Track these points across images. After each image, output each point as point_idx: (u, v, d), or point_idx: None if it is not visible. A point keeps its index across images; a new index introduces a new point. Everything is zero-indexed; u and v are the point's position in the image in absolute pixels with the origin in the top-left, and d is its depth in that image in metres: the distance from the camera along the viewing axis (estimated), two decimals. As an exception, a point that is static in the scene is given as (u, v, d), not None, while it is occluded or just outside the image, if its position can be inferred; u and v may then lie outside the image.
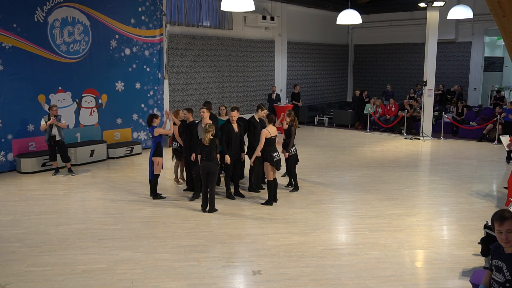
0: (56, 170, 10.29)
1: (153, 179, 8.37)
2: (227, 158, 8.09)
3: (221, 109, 9.79)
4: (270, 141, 7.96)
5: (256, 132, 8.73)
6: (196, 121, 8.68)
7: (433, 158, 12.60)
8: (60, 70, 11.30)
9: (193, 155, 8.09)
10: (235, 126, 8.37)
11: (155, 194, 8.43)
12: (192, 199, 8.36)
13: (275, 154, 7.96)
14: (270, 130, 7.96)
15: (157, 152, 8.19)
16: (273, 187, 8.09)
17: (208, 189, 7.64)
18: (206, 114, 8.25)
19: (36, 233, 6.77)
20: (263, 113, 8.94)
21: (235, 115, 8.35)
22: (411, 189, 9.24)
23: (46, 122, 9.88)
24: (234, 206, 8.10)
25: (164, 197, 8.43)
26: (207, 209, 7.69)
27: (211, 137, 7.50)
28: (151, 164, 8.24)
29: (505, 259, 3.15)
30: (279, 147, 8.51)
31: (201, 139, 7.61)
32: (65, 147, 10.33)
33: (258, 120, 8.88)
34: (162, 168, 8.48)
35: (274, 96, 16.92)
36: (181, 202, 8.35)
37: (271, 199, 8.08)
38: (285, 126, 8.79)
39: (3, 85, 10.31)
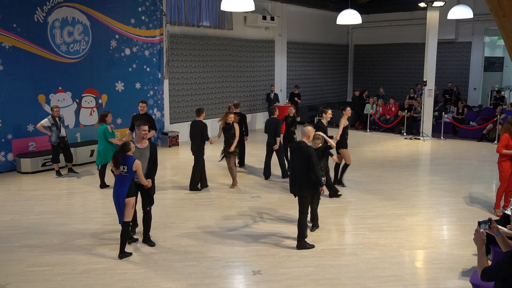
0: (58, 173, 10.19)
1: (125, 227, 5.96)
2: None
3: (109, 116, 8.88)
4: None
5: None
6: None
7: (433, 158, 12.60)
8: (60, 70, 11.30)
9: (149, 181, 6.12)
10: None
11: (123, 251, 5.99)
12: (130, 241, 6.37)
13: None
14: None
15: (131, 191, 5.89)
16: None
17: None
18: (149, 134, 6.46)
19: (36, 233, 6.77)
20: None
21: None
22: (411, 189, 9.24)
23: (51, 124, 9.80)
24: (234, 206, 8.11)
25: (137, 239, 6.49)
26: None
27: None
28: (123, 206, 5.86)
29: None
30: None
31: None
32: (69, 147, 10.37)
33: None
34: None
35: (272, 95, 16.90)
36: (181, 202, 8.35)
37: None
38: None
39: (3, 85, 10.31)
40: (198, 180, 9.05)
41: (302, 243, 6.18)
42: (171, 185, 9.53)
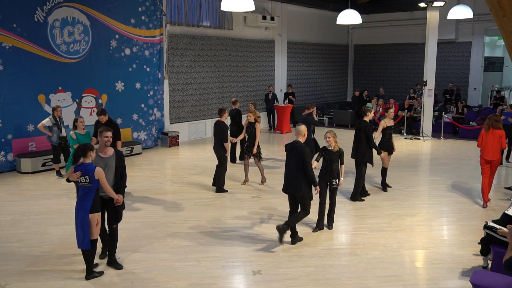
0: (58, 173, 10.19)
1: (92, 247, 5.25)
2: None
3: (79, 121, 8.34)
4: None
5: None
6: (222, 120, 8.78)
7: (433, 158, 12.60)
8: (60, 70, 11.29)
9: (120, 196, 5.38)
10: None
11: (91, 271, 5.37)
12: (102, 256, 5.84)
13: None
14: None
15: (95, 205, 5.19)
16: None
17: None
18: (110, 137, 5.45)
19: (36, 233, 6.77)
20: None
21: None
22: (411, 189, 9.24)
23: (52, 123, 9.80)
24: (234, 206, 8.11)
25: (102, 273, 5.47)
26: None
27: None
28: (88, 224, 5.12)
29: None
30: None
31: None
32: (68, 147, 10.36)
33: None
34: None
35: (270, 96, 16.87)
36: (181, 202, 8.35)
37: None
38: None
39: (3, 85, 10.30)
40: (224, 182, 8.96)
41: (295, 235, 6.37)
42: (171, 185, 9.53)
